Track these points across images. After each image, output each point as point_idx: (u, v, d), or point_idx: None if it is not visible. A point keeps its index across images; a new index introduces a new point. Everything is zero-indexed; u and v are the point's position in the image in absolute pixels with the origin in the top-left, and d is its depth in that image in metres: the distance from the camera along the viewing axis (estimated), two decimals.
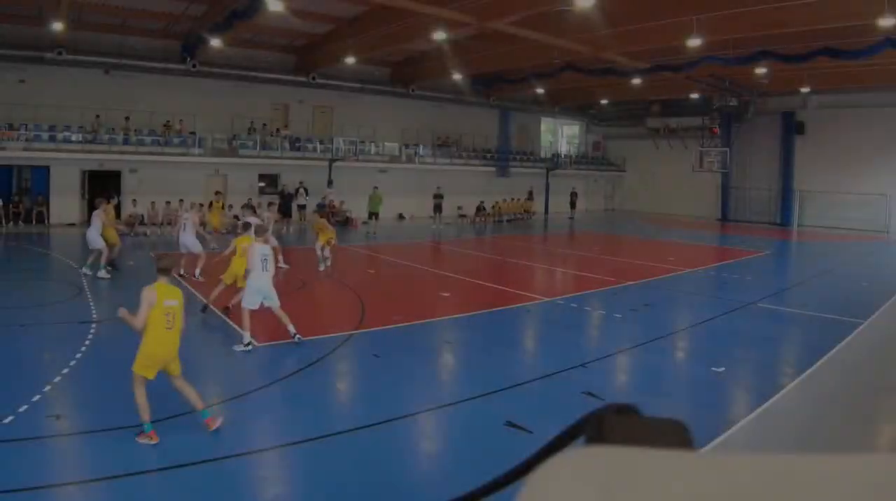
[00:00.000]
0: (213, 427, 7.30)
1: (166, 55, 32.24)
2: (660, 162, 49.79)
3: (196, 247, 17.41)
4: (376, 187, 31.84)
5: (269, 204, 23.65)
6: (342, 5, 28.08)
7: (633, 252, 27.37)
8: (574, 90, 44.02)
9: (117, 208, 24.65)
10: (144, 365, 7.12)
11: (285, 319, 11.21)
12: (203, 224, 19.68)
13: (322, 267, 18.98)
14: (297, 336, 11.18)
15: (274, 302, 11.29)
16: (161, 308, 7.09)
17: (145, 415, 7.00)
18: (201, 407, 7.39)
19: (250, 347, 10.86)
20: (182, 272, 16.68)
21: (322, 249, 19.09)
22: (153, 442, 6.90)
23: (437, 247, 27.77)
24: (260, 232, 11.73)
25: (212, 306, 13.33)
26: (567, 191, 45.38)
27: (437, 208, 35.41)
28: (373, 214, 31.13)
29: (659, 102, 47.44)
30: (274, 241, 16.49)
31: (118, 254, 18.15)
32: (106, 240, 17.10)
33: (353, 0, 27.18)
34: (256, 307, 11.15)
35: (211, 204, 23.97)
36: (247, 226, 14.20)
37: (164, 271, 7.52)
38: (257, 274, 11.15)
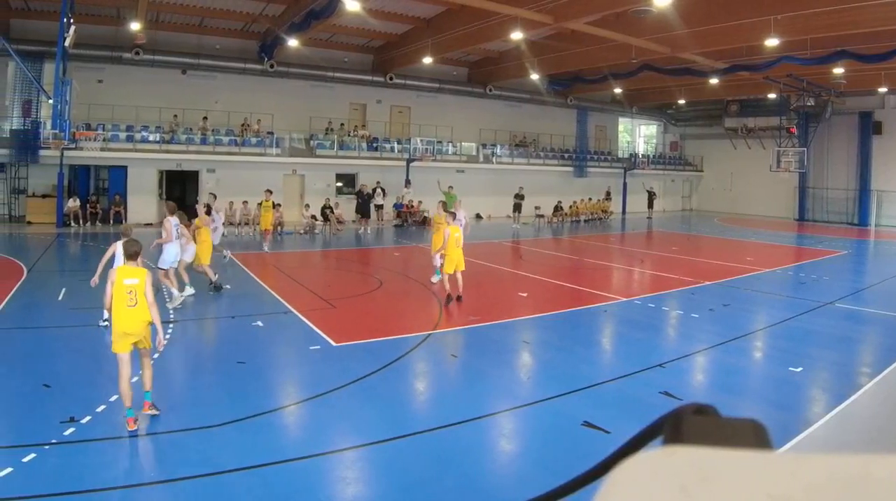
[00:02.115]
0: (131, 428, 7.32)
1: (244, 55, 32.89)
2: (737, 162, 48.93)
3: None
4: (451, 186, 31.95)
5: (213, 195, 20.80)
6: (420, 5, 28.45)
7: (711, 252, 27.04)
8: (651, 90, 43.58)
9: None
10: (116, 342, 7.61)
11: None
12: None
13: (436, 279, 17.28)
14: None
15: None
16: (122, 286, 7.66)
17: (126, 402, 7.37)
18: (148, 389, 7.81)
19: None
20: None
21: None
22: (130, 429, 7.24)
23: (515, 247, 27.78)
24: (129, 240, 9.42)
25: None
26: (644, 191, 44.95)
27: (517, 208, 35.50)
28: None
29: (736, 102, 46.63)
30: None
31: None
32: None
33: (430, 0, 27.49)
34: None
35: (261, 203, 24.20)
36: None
37: (130, 256, 8.20)
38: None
